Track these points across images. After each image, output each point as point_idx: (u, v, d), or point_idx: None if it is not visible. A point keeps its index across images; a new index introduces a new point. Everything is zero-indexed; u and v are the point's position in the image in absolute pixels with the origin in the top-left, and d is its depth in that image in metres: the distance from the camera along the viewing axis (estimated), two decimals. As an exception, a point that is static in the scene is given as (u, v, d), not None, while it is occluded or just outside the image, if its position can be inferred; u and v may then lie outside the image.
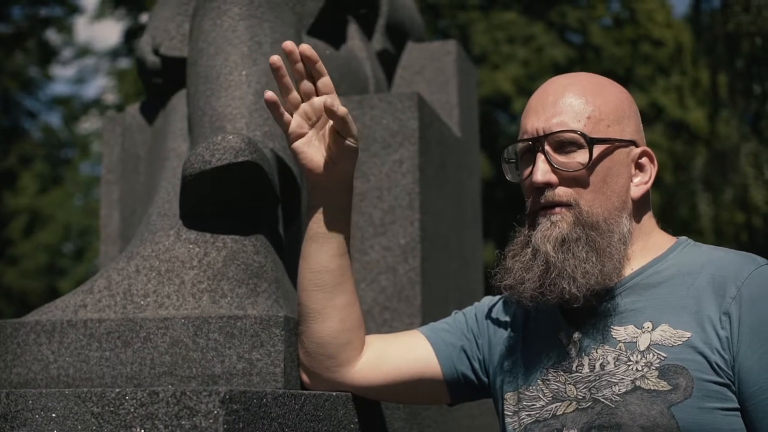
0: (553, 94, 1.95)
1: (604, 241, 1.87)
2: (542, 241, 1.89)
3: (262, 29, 2.73)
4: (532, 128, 1.94)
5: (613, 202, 1.91)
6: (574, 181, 1.90)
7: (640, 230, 1.96)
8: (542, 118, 1.93)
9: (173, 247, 2.29)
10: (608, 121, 1.93)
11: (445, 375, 2.10)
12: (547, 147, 1.91)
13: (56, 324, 2.20)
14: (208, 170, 2.22)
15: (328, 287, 2.06)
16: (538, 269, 1.88)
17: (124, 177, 3.31)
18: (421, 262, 3.07)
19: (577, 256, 1.86)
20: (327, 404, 2.00)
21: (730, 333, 1.79)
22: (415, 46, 3.80)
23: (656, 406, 1.79)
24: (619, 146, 1.93)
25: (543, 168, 1.90)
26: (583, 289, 1.85)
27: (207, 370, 2.10)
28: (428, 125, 3.24)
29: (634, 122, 1.98)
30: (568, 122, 1.91)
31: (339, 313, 2.06)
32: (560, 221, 1.89)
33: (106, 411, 1.66)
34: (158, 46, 3.04)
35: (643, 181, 1.96)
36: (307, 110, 2.03)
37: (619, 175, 1.93)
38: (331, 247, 2.05)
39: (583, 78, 1.99)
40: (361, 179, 3.13)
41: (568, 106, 1.92)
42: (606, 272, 1.86)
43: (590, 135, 1.90)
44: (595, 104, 1.93)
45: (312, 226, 2.05)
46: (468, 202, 3.79)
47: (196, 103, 2.66)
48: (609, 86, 1.99)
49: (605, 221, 1.89)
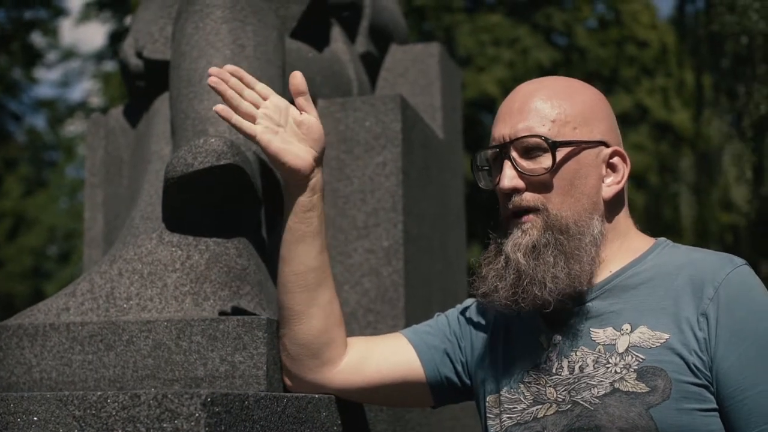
0: (519, 101, 1.96)
1: (572, 244, 1.88)
2: (513, 250, 1.90)
3: (245, 32, 2.73)
4: (499, 135, 1.96)
5: (582, 204, 1.92)
6: (541, 185, 1.91)
7: (615, 231, 1.96)
8: (508, 124, 1.94)
9: (156, 250, 2.29)
10: (575, 123, 1.93)
11: (429, 378, 2.11)
12: (513, 153, 1.93)
13: (39, 327, 2.20)
14: (190, 173, 2.22)
15: (312, 286, 2.07)
16: (510, 278, 1.90)
17: (108, 180, 3.31)
18: (405, 265, 3.08)
19: (546, 262, 1.87)
20: (309, 407, 2.01)
21: (707, 334, 1.81)
22: (398, 49, 3.80)
23: (634, 408, 1.80)
24: (585, 148, 1.93)
25: (509, 174, 1.92)
26: (554, 294, 1.86)
27: (190, 373, 2.10)
28: (411, 127, 3.25)
29: (604, 123, 1.97)
30: (534, 127, 1.92)
31: (323, 311, 2.08)
32: (530, 228, 1.91)
33: (87, 414, 1.66)
34: (141, 48, 3.05)
35: (615, 181, 1.96)
36: (269, 112, 2.08)
37: (588, 176, 1.93)
38: (317, 246, 2.07)
39: (551, 82, 2.01)
40: (344, 181, 3.14)
41: (533, 111, 1.93)
42: (573, 275, 1.87)
43: (555, 138, 1.91)
44: (561, 107, 1.93)
45: (300, 228, 2.06)
46: (452, 203, 3.80)
47: (179, 106, 2.66)
48: (578, 88, 1.99)
49: (575, 223, 1.90)
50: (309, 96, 2.11)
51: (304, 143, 2.07)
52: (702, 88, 14.18)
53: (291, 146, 2.05)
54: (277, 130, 2.06)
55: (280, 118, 2.08)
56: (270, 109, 2.08)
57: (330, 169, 3.15)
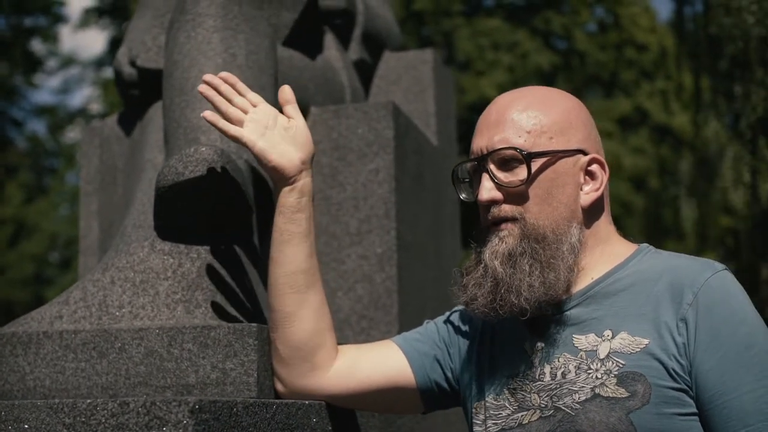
0: (495, 113, 1.98)
1: (548, 252, 1.90)
2: (491, 258, 1.93)
3: (237, 41, 2.75)
4: (477, 148, 1.97)
5: (560, 212, 1.94)
6: (519, 196, 1.93)
7: (595, 237, 1.98)
8: (485, 136, 1.96)
9: (148, 258, 2.31)
10: (551, 133, 1.95)
11: (419, 384, 2.13)
12: (490, 165, 1.95)
13: (32, 335, 2.22)
14: (181, 182, 2.24)
15: (302, 288, 2.10)
16: (487, 285, 1.92)
17: (103, 188, 3.33)
18: (398, 271, 3.10)
19: (522, 270, 1.89)
20: (300, 413, 2.02)
21: (686, 339, 1.82)
22: (391, 56, 3.82)
23: (614, 413, 1.81)
24: (562, 157, 1.95)
25: (487, 186, 1.94)
26: (530, 302, 1.88)
27: (181, 380, 2.12)
28: (404, 134, 3.27)
29: (581, 131, 1.99)
30: (510, 138, 1.94)
31: (314, 313, 2.11)
32: (507, 236, 1.93)
33: (77, 422, 1.68)
34: (135, 57, 3.07)
35: (593, 188, 1.97)
36: (257, 117, 2.15)
37: (565, 185, 1.95)
38: (306, 247, 2.11)
39: (527, 93, 2.02)
40: (337, 188, 3.16)
41: (509, 123, 1.95)
42: (549, 283, 1.89)
43: (530, 149, 1.92)
44: (537, 118, 1.95)
45: (289, 228, 2.10)
46: (446, 210, 3.82)
47: (171, 114, 2.68)
48: (554, 98, 2.01)
49: (552, 232, 1.92)
50: (296, 105, 2.17)
51: (291, 145, 2.12)
52: (700, 91, 14.19)
53: (277, 146, 2.11)
54: (263, 132, 2.12)
55: (268, 122, 2.14)
56: (258, 114, 2.15)
57: (323, 176, 3.17)
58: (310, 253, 2.12)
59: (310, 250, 2.12)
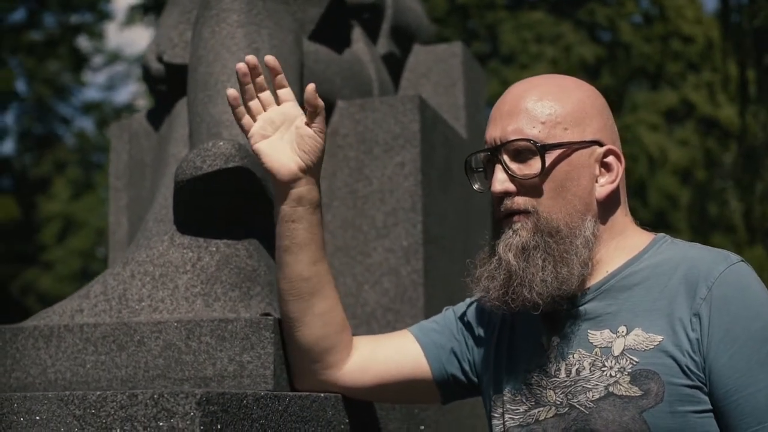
0: (509, 103, 1.95)
1: (561, 247, 1.87)
2: (504, 250, 1.90)
3: (261, 36, 2.77)
4: (490, 138, 1.95)
5: (574, 206, 1.90)
6: (532, 188, 1.90)
7: (610, 231, 1.94)
8: (499, 126, 1.93)
9: (167, 252, 2.32)
10: (565, 124, 1.91)
11: (435, 376, 2.12)
12: (504, 156, 1.91)
13: (53, 329, 2.25)
14: (199, 176, 2.26)
15: (305, 296, 2.06)
16: (500, 278, 1.90)
17: (132, 183, 3.36)
18: (424, 264, 3.10)
19: (535, 264, 1.87)
20: (314, 405, 2.03)
21: (700, 334, 1.80)
22: (421, 49, 3.82)
23: (628, 412, 1.80)
24: (577, 148, 1.91)
25: (500, 177, 1.91)
26: (543, 297, 1.86)
27: (199, 373, 2.14)
28: (431, 127, 3.26)
29: (597, 121, 1.94)
30: (524, 129, 1.90)
31: (319, 319, 2.07)
32: (521, 229, 1.90)
33: (87, 413, 1.70)
34: (162, 53, 3.10)
35: (608, 180, 1.93)
36: (272, 116, 2.07)
37: (580, 177, 1.91)
38: (305, 257, 2.05)
39: (542, 81, 1.98)
40: (363, 182, 3.16)
41: (523, 113, 1.91)
42: (561, 278, 1.86)
43: (545, 141, 1.89)
44: (552, 108, 1.91)
45: (285, 237, 2.05)
46: (476, 203, 3.81)
47: (195, 109, 2.70)
48: (570, 87, 1.96)
49: (567, 225, 1.89)
50: (319, 110, 2.05)
51: (293, 152, 2.04)
52: (746, 83, 14.06)
53: (276, 150, 2.04)
54: (269, 134, 2.06)
55: (282, 122, 2.07)
56: (274, 113, 2.08)
57: (349, 169, 3.17)
58: (311, 261, 2.06)
59: (311, 259, 2.05)
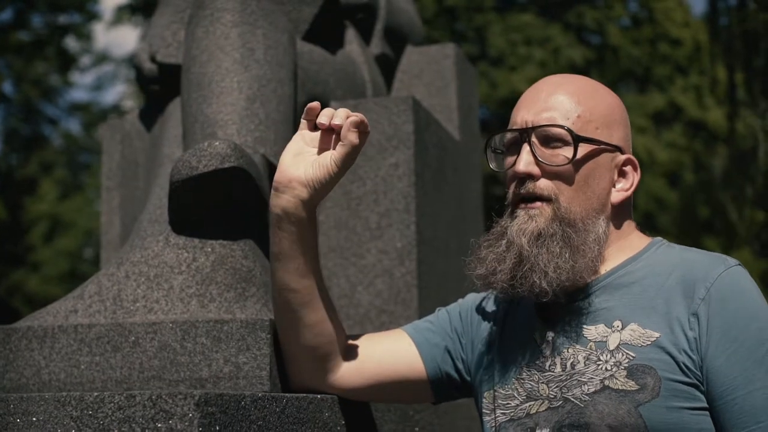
0: (546, 91, 1.97)
1: (579, 238, 1.89)
2: (518, 234, 1.90)
3: (255, 36, 2.76)
4: (521, 120, 1.95)
5: (592, 203, 1.93)
6: (556, 176, 1.92)
7: (617, 233, 1.97)
8: (532, 111, 1.95)
9: (162, 253, 2.31)
10: (597, 124, 1.94)
11: (429, 375, 2.12)
12: (533, 139, 1.93)
13: (47, 329, 2.23)
14: (194, 176, 2.25)
15: (295, 306, 2.03)
16: (510, 261, 1.89)
17: (124, 184, 3.35)
18: (418, 265, 3.09)
19: (551, 251, 1.87)
20: (311, 407, 2.02)
21: (698, 334, 1.81)
22: (414, 50, 3.81)
23: (624, 405, 1.80)
24: (604, 149, 1.95)
25: (527, 159, 1.92)
26: (554, 284, 1.86)
27: (194, 374, 2.13)
28: (424, 128, 3.26)
29: (622, 129, 1.99)
30: (557, 118, 1.93)
31: (310, 331, 2.05)
32: (538, 216, 1.91)
33: (84, 414, 1.69)
34: (155, 53, 3.08)
35: (624, 187, 1.97)
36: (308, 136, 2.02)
37: (602, 177, 1.94)
38: (294, 268, 2.01)
39: (578, 80, 2.02)
40: (357, 183, 3.16)
41: (559, 103, 1.94)
42: (578, 269, 1.88)
43: (578, 133, 1.92)
44: (586, 105, 1.94)
45: (272, 245, 2.03)
46: (469, 204, 3.81)
47: (189, 109, 2.69)
48: (602, 91, 2.01)
49: (582, 220, 1.91)
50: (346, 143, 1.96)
51: (309, 164, 1.98)
52: (735, 87, 14.11)
53: (297, 153, 2.00)
54: (303, 136, 2.03)
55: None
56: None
57: (343, 170, 3.16)
58: (299, 274, 2.01)
59: (298, 272, 2.01)
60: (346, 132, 1.95)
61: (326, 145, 2.00)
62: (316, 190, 1.97)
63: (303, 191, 1.97)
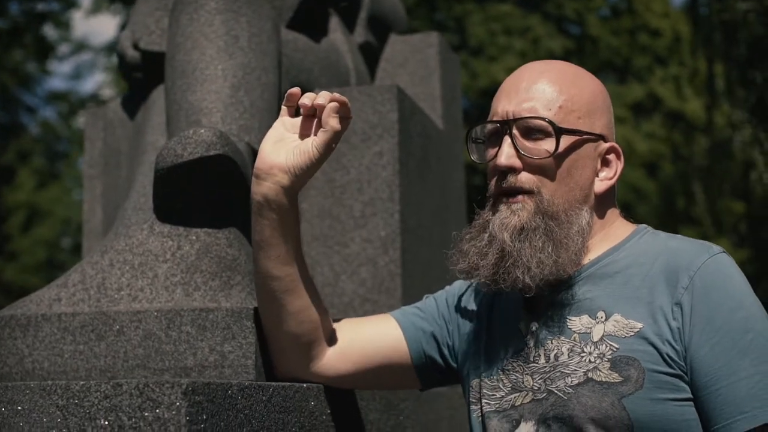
0: (527, 80, 1.94)
1: (562, 231, 1.87)
2: (500, 229, 1.88)
3: (239, 23, 2.74)
4: (502, 111, 1.92)
5: (575, 194, 1.91)
6: (539, 169, 1.89)
7: (600, 223, 1.95)
8: (513, 101, 1.92)
9: (147, 241, 2.30)
10: (579, 113, 1.92)
11: (414, 360, 2.11)
12: (514, 131, 1.90)
13: (31, 318, 2.21)
14: (180, 164, 2.23)
15: (278, 293, 2.02)
16: (493, 257, 1.88)
17: (106, 172, 3.33)
18: (402, 254, 3.08)
19: (533, 245, 1.85)
20: (297, 395, 2.01)
21: (681, 323, 1.80)
22: (397, 39, 3.80)
23: (607, 398, 1.79)
24: (587, 140, 1.92)
25: (508, 152, 1.89)
26: (537, 279, 1.85)
27: (179, 363, 2.11)
28: (409, 117, 3.25)
29: (605, 117, 1.97)
30: (539, 109, 1.90)
31: (294, 317, 2.04)
32: (520, 210, 1.88)
33: (70, 403, 1.67)
34: (138, 40, 3.06)
35: (608, 176, 1.95)
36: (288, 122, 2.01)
37: (585, 168, 1.92)
38: (276, 256, 1.99)
39: (560, 66, 1.98)
40: (341, 171, 3.14)
41: (540, 93, 1.91)
42: (561, 263, 1.86)
43: (560, 125, 1.89)
44: (568, 94, 1.92)
45: (254, 235, 2.02)
46: (452, 193, 3.80)
47: (173, 97, 2.67)
48: (584, 78, 1.98)
49: (565, 212, 1.89)
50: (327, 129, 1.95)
51: (282, 147, 1.98)
52: (714, 77, 14.13)
53: (277, 140, 1.99)
54: (292, 131, 2.01)
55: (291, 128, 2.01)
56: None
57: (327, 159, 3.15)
58: (281, 262, 1.99)
59: (280, 260, 1.99)
60: (327, 118, 1.93)
61: (307, 131, 1.98)
62: (297, 177, 1.96)
63: (284, 178, 1.95)
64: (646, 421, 1.78)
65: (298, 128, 1.99)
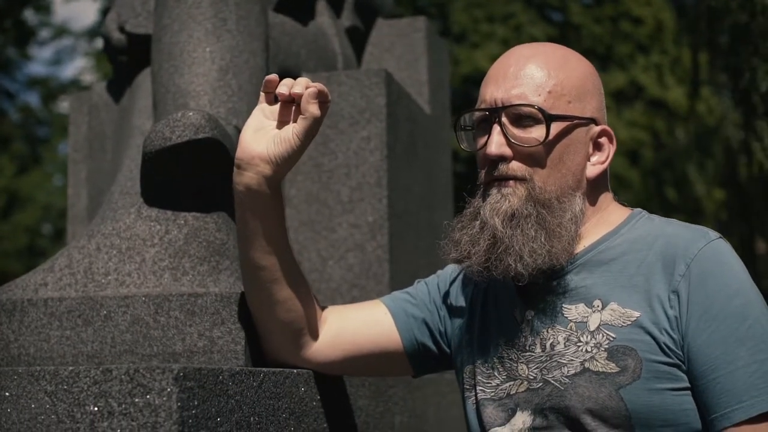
0: (514, 65, 1.90)
1: (554, 220, 1.83)
2: (491, 215, 1.85)
3: (227, 5, 2.71)
4: (490, 98, 1.89)
5: (567, 181, 1.87)
6: (530, 156, 1.86)
7: (594, 208, 1.92)
8: (502, 88, 1.88)
9: (134, 225, 2.27)
10: (569, 97, 1.88)
11: (406, 347, 2.09)
12: (504, 119, 1.87)
13: (17, 303, 2.18)
14: (168, 147, 2.21)
15: (265, 282, 1.99)
16: (484, 243, 1.84)
17: (92, 156, 3.29)
18: (389, 240, 3.06)
19: (525, 233, 1.82)
20: (287, 381, 1.99)
21: (678, 312, 1.77)
22: (384, 23, 3.78)
23: (604, 388, 1.77)
24: (578, 124, 1.89)
25: (498, 140, 1.86)
26: (530, 268, 1.81)
27: (168, 348, 2.09)
28: (396, 102, 3.23)
29: (596, 99, 1.93)
30: (528, 95, 1.86)
31: (282, 305, 2.01)
32: (511, 195, 1.85)
33: (59, 389, 1.65)
34: (124, 23, 3.03)
35: (600, 160, 1.92)
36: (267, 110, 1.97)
37: (576, 153, 1.89)
38: (261, 245, 1.96)
39: (548, 49, 1.94)
40: (328, 156, 3.12)
41: (529, 78, 1.87)
42: (554, 253, 1.82)
43: (549, 111, 1.85)
44: (557, 78, 1.88)
45: (238, 225, 1.98)
46: (439, 179, 3.78)
47: (160, 80, 2.64)
48: (573, 60, 1.93)
49: (558, 199, 1.85)
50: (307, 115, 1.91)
51: (262, 136, 1.93)
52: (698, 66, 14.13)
53: (257, 129, 1.94)
54: (263, 110, 1.97)
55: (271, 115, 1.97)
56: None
57: (315, 143, 3.12)
58: (265, 252, 1.96)
59: (264, 250, 1.96)
60: (306, 104, 1.89)
61: (286, 117, 1.94)
62: (279, 166, 1.92)
63: (266, 168, 1.92)
64: (643, 412, 1.75)
65: (277, 115, 1.95)
